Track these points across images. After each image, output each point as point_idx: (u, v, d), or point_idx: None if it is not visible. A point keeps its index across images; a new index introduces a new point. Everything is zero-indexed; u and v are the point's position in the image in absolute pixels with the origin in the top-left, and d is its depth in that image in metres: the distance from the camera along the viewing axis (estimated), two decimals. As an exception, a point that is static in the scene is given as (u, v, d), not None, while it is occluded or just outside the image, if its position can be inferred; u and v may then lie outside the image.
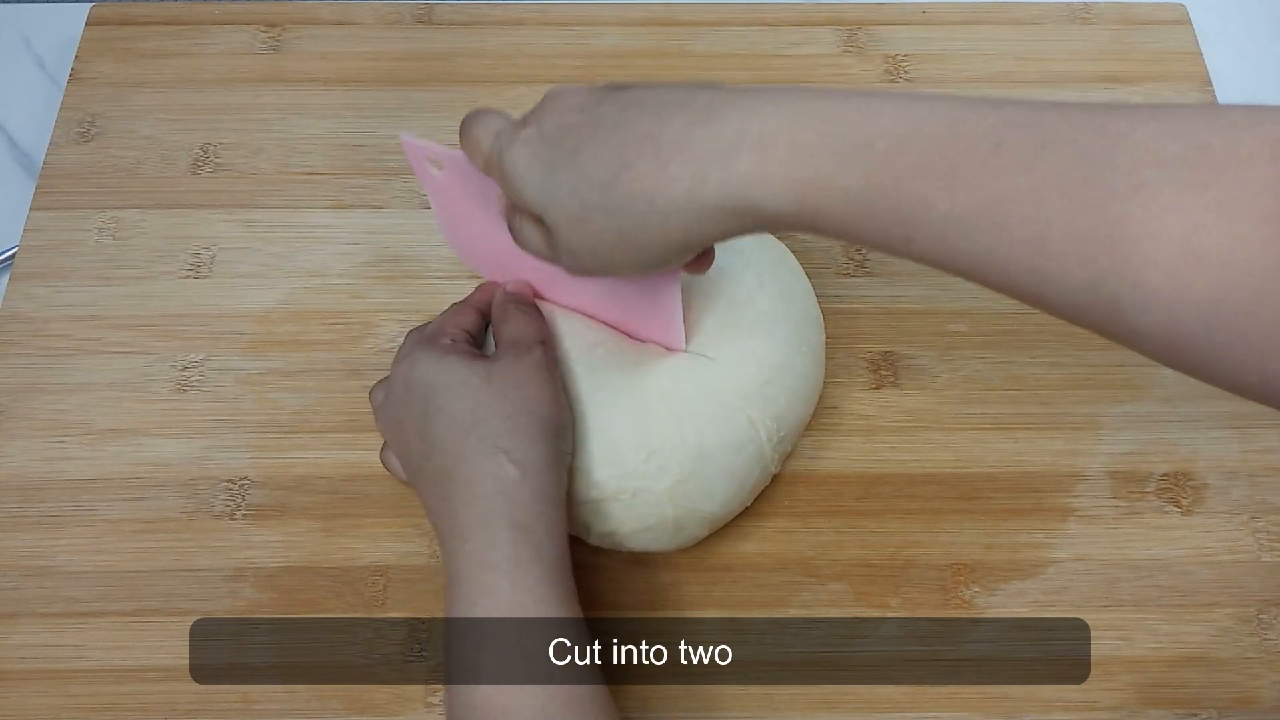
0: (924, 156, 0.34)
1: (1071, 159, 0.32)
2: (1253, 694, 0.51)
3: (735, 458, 0.50)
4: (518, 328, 0.49)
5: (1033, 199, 0.32)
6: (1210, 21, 0.71)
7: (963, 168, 0.33)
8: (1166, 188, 0.30)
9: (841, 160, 0.35)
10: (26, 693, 0.50)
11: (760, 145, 0.36)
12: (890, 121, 0.35)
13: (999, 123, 0.34)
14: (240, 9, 0.70)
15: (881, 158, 0.34)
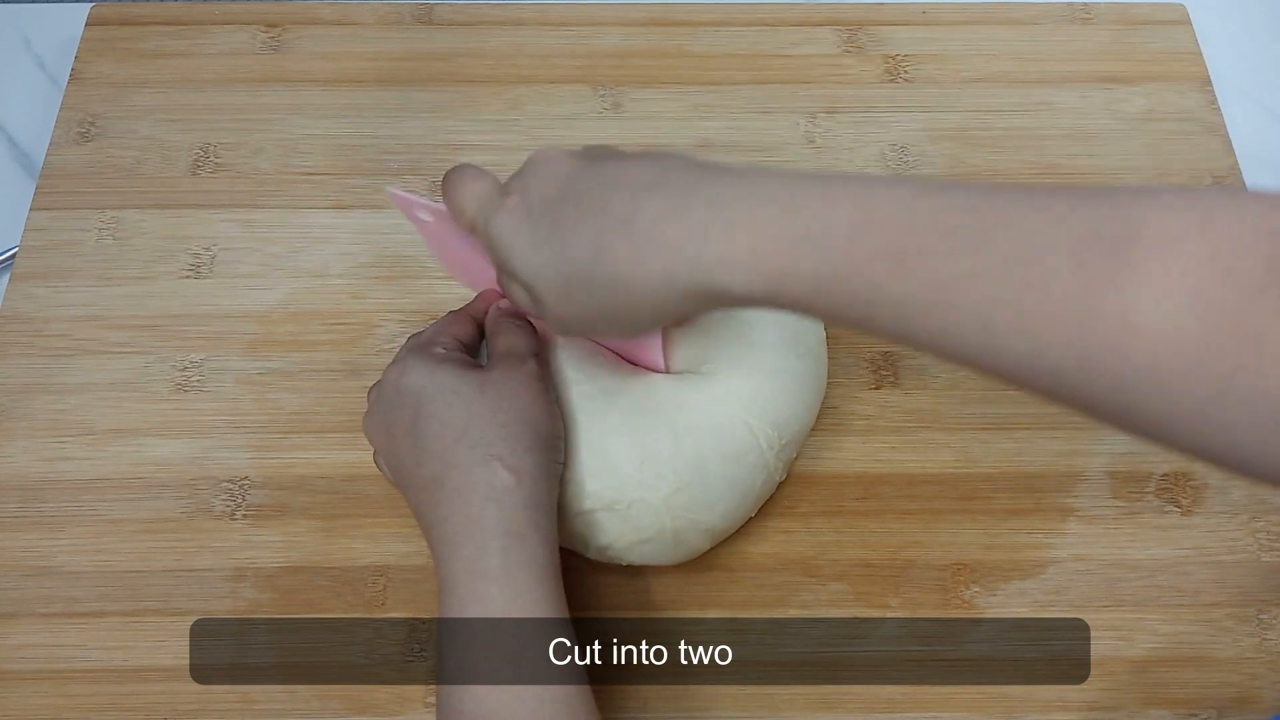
0: (878, 243, 0.36)
1: (1016, 242, 0.34)
2: (1253, 694, 0.51)
3: (735, 467, 0.49)
4: (512, 340, 0.49)
5: (980, 280, 0.34)
6: (1210, 21, 0.71)
7: (914, 253, 0.35)
8: (1104, 266, 0.32)
9: (802, 249, 0.37)
10: (26, 693, 0.50)
11: (726, 234, 0.38)
12: (848, 209, 0.36)
13: (949, 207, 0.35)
14: (240, 9, 0.70)
15: (839, 245, 0.36)
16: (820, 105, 0.67)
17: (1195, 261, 0.32)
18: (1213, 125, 0.66)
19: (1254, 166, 0.65)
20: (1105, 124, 0.66)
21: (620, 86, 0.67)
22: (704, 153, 0.64)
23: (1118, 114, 0.67)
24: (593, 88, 0.67)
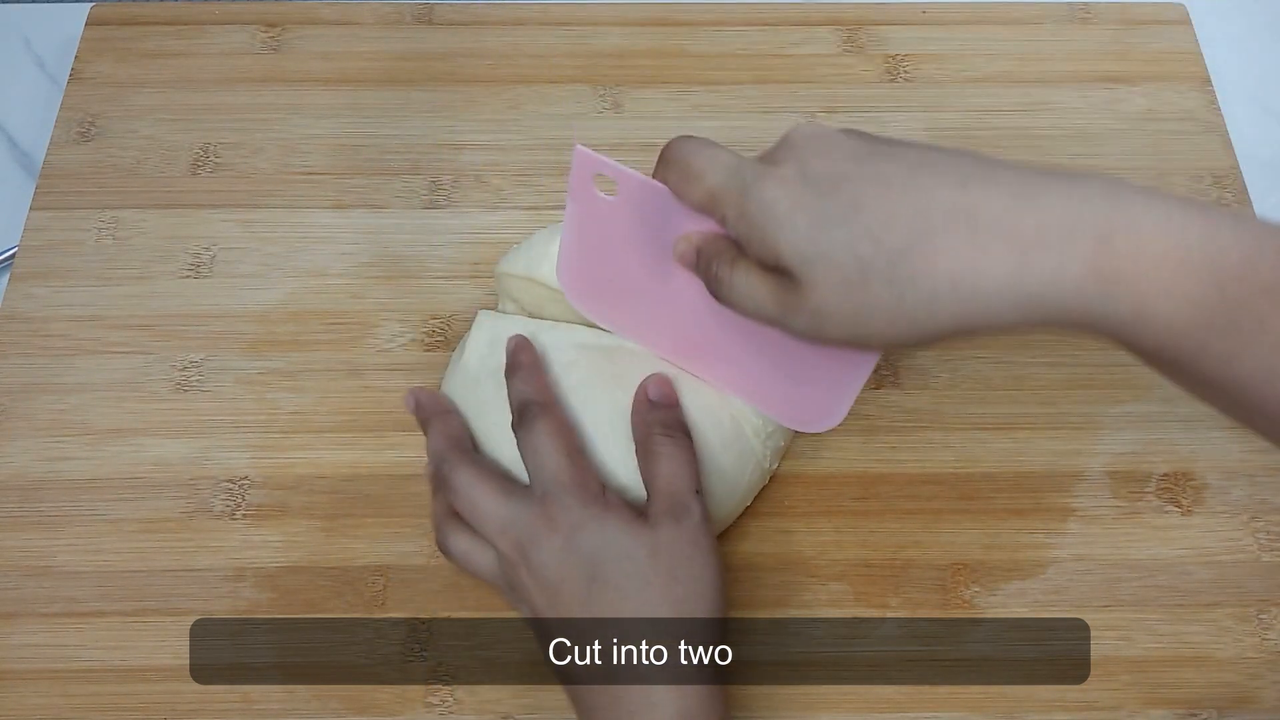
0: (1270, 276, 0.33)
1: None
2: (1253, 694, 0.51)
3: (722, 456, 0.49)
4: (671, 470, 0.45)
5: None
6: (1210, 21, 0.71)
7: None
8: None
9: (1189, 266, 0.33)
10: (26, 693, 0.50)
11: (1099, 243, 0.33)
12: (1234, 234, 0.33)
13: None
14: (240, 9, 0.70)
15: (1231, 271, 0.33)
16: (820, 105, 0.67)
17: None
18: (1213, 125, 0.66)
19: (1254, 166, 0.65)
20: (1105, 124, 0.66)
21: (620, 86, 0.67)
22: (704, 153, 0.65)
23: (1118, 114, 0.67)
24: (593, 88, 0.67)
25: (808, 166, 0.37)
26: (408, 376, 0.58)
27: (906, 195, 0.35)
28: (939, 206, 0.35)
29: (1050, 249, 0.34)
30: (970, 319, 0.35)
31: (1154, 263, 0.33)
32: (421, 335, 0.59)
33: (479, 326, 0.53)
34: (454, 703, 0.50)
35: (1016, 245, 0.34)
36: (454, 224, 0.62)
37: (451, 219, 0.62)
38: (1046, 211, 0.34)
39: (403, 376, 0.58)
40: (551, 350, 0.50)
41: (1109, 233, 0.33)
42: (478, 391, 0.51)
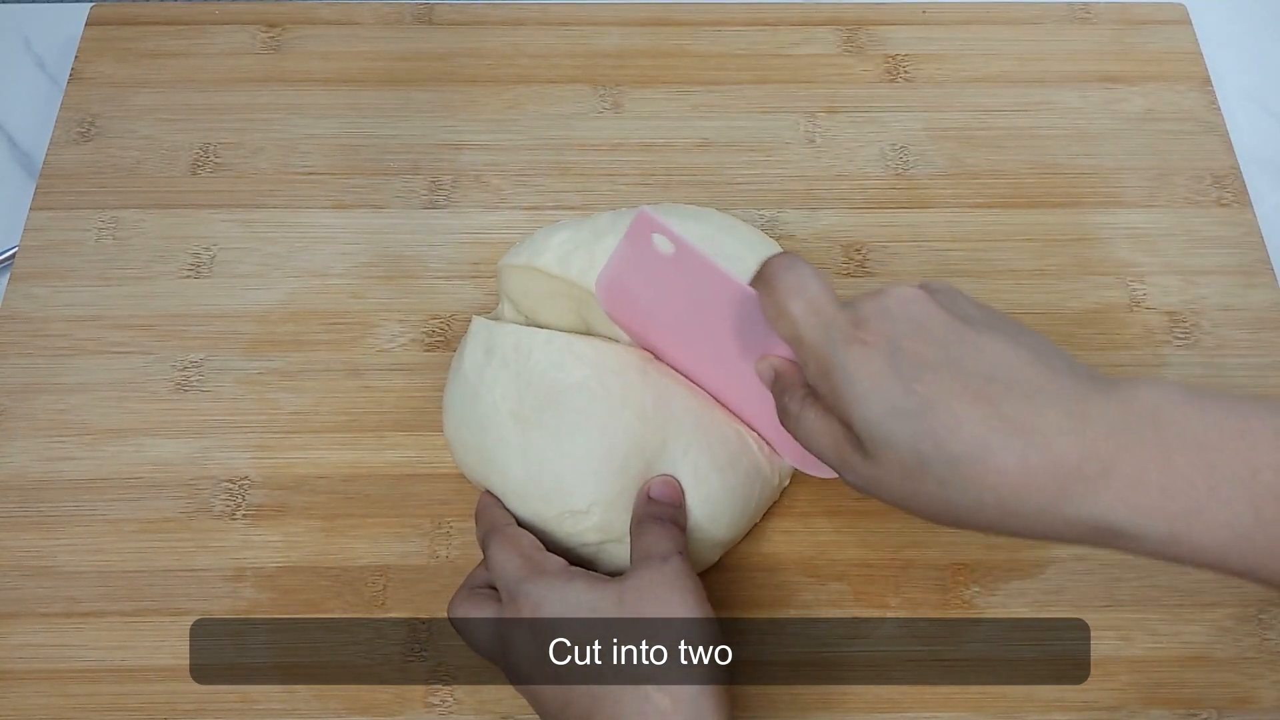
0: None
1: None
2: (1253, 694, 0.51)
3: (733, 475, 0.50)
4: (652, 541, 0.46)
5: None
6: (1210, 21, 0.71)
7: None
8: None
9: (1219, 492, 0.34)
10: (26, 693, 0.50)
11: (1133, 472, 0.35)
12: (1272, 449, 0.34)
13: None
14: (240, 9, 0.70)
15: (1266, 491, 0.34)
16: (820, 105, 0.67)
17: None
18: (1213, 125, 0.66)
19: (1254, 166, 0.65)
20: (1105, 124, 0.66)
21: (620, 86, 0.67)
22: (704, 152, 0.65)
23: (1118, 114, 0.67)
24: (593, 87, 0.67)
25: (897, 345, 0.38)
26: (408, 376, 0.58)
27: (978, 403, 0.37)
28: (1001, 421, 0.36)
29: (1087, 480, 0.36)
30: (1009, 529, 0.37)
31: (1182, 490, 0.35)
32: (421, 335, 0.59)
33: (473, 335, 0.53)
34: (454, 703, 0.50)
35: (1059, 475, 0.36)
36: (454, 224, 0.62)
37: (451, 219, 0.62)
38: (1092, 439, 0.36)
39: (403, 376, 0.58)
40: (543, 355, 0.50)
41: (1142, 465, 0.35)
42: (478, 407, 0.51)
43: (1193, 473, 0.35)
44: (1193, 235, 0.62)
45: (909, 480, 0.38)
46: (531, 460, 0.49)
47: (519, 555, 0.46)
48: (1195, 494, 0.35)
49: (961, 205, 0.63)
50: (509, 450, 0.49)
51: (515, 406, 0.49)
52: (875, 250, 0.62)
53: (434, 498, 0.54)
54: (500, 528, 0.48)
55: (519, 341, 0.51)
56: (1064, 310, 0.60)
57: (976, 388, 0.37)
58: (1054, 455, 0.36)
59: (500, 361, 0.51)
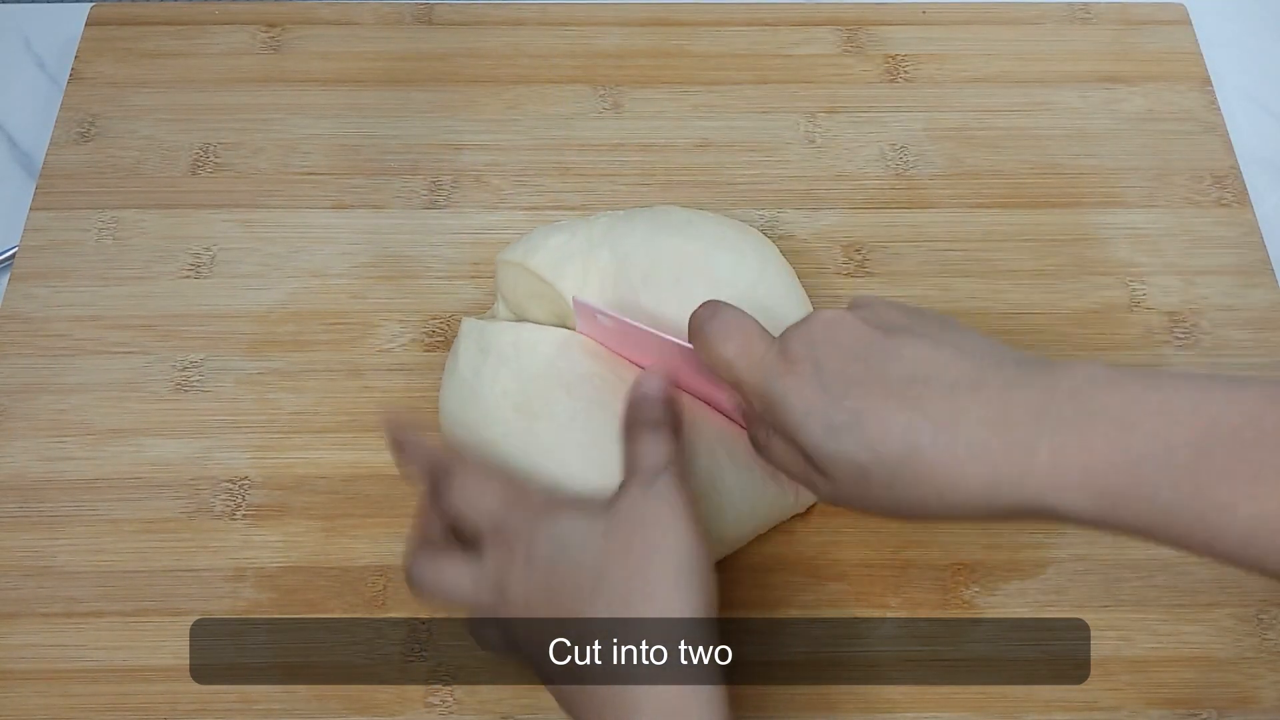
0: (1226, 461, 0.34)
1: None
2: (1253, 694, 0.51)
3: (746, 473, 0.50)
4: (642, 450, 0.44)
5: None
6: (1210, 21, 0.71)
7: (1267, 468, 0.34)
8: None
9: (1139, 470, 0.35)
10: (26, 693, 0.50)
11: (1057, 454, 0.36)
12: (1189, 424, 0.35)
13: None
14: (240, 9, 0.70)
15: (1182, 467, 0.35)
16: (820, 105, 0.67)
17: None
18: (1213, 125, 0.66)
19: (1254, 166, 0.65)
20: (1105, 124, 0.66)
21: (620, 86, 0.67)
22: (704, 152, 0.65)
23: (1118, 114, 0.67)
24: (593, 88, 0.67)
25: (821, 366, 0.40)
26: (408, 376, 0.58)
27: (902, 407, 0.38)
28: (927, 421, 0.38)
29: (1014, 465, 0.37)
30: (956, 516, 0.39)
31: (1104, 470, 0.36)
32: (421, 335, 0.59)
33: (465, 336, 0.52)
34: (454, 703, 0.50)
35: (988, 463, 0.37)
36: (454, 224, 0.62)
37: (451, 219, 0.62)
38: (1016, 427, 0.37)
39: (403, 376, 0.58)
40: (549, 349, 0.50)
41: (1062, 447, 0.36)
42: (478, 404, 0.51)
43: (1111, 452, 0.36)
44: (1193, 235, 0.62)
45: (860, 489, 0.40)
46: (537, 450, 0.49)
47: (498, 484, 0.44)
48: (1116, 473, 0.36)
49: (961, 205, 0.63)
50: (512, 442, 0.49)
51: (519, 400, 0.49)
52: (875, 250, 0.62)
53: (434, 498, 0.54)
54: (461, 460, 0.45)
55: (517, 338, 0.51)
56: (1064, 310, 0.60)
57: (900, 392, 0.39)
58: (979, 446, 0.37)
59: (498, 358, 0.51)
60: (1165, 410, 0.36)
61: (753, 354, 0.42)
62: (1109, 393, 0.37)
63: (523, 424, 0.49)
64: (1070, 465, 0.36)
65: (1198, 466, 0.35)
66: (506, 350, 0.51)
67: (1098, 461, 0.36)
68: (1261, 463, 0.34)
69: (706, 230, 0.54)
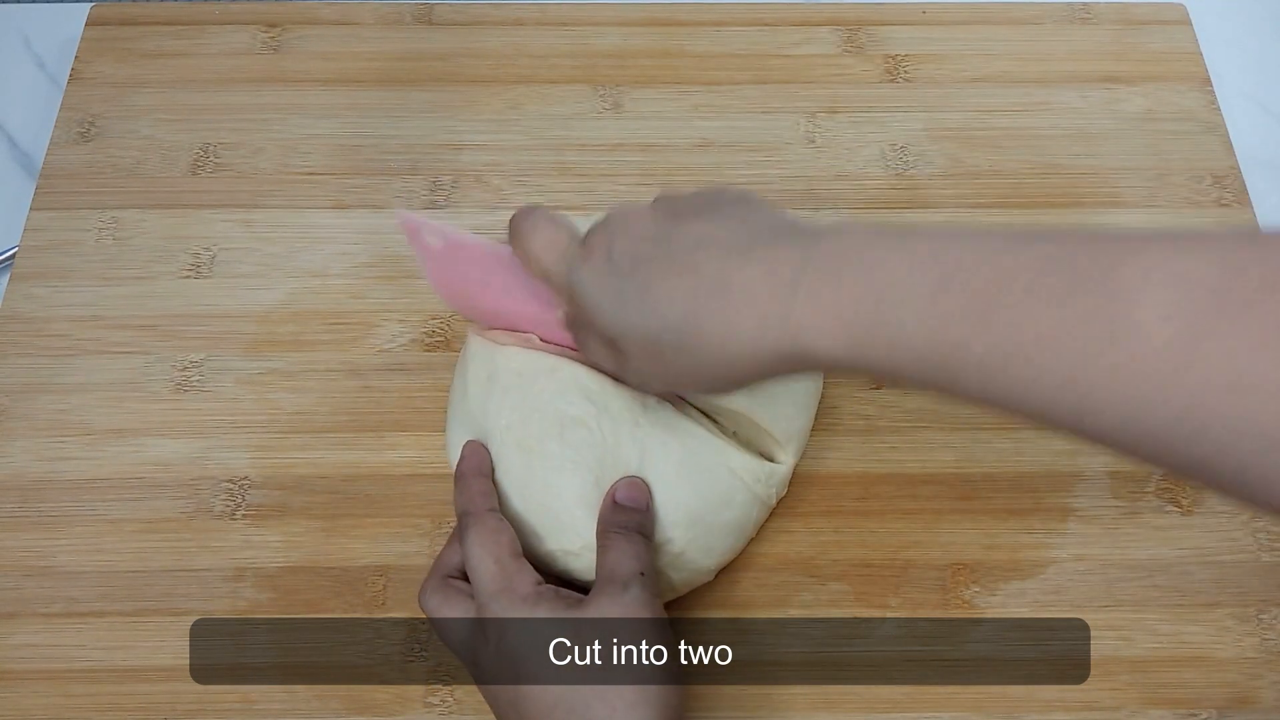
0: (960, 301, 0.35)
1: (1102, 296, 0.32)
2: (1253, 694, 0.51)
3: (725, 512, 0.49)
4: (615, 559, 0.46)
5: (1064, 338, 0.32)
6: (1210, 21, 0.71)
7: (997, 310, 0.34)
8: (1201, 317, 0.30)
9: (883, 310, 0.36)
10: (26, 693, 0.50)
11: (811, 296, 0.37)
12: (928, 266, 0.36)
13: (1032, 261, 0.34)
14: (240, 9, 0.70)
15: (920, 304, 0.35)
16: (820, 105, 0.67)
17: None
18: (1213, 125, 0.66)
19: (1254, 166, 0.65)
20: (1105, 124, 0.66)
21: (620, 86, 0.67)
22: (704, 152, 0.65)
23: (1118, 114, 0.67)
24: (593, 88, 0.67)
25: (613, 249, 0.42)
26: (408, 376, 0.58)
27: (680, 273, 0.40)
28: (705, 281, 0.40)
29: (778, 312, 0.38)
30: (742, 373, 0.40)
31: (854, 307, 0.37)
32: (421, 335, 0.59)
33: (474, 357, 0.51)
34: (454, 703, 0.50)
35: (756, 314, 0.38)
36: (454, 224, 0.62)
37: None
38: (779, 276, 0.38)
39: (403, 376, 0.58)
40: (548, 383, 0.49)
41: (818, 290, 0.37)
42: (484, 437, 0.50)
43: (856, 288, 0.37)
44: (1193, 235, 0.62)
45: (656, 361, 0.41)
46: (530, 495, 0.48)
47: (494, 561, 0.45)
48: (862, 311, 0.37)
49: (961, 205, 0.63)
50: (510, 480, 0.49)
51: (520, 435, 0.49)
52: (875, 250, 0.62)
53: (434, 498, 0.54)
54: (481, 514, 0.47)
55: (523, 367, 0.50)
56: (1064, 310, 0.60)
57: (683, 261, 0.40)
58: (749, 299, 0.39)
59: (503, 388, 0.50)
60: (909, 254, 0.36)
61: (558, 247, 0.44)
62: (864, 240, 0.38)
63: (521, 459, 0.49)
64: (823, 305, 0.37)
65: (936, 306, 0.35)
66: (511, 380, 0.50)
67: (845, 299, 0.37)
68: (991, 303, 0.34)
69: None
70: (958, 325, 0.35)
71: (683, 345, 0.40)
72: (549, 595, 0.45)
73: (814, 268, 0.38)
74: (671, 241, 0.41)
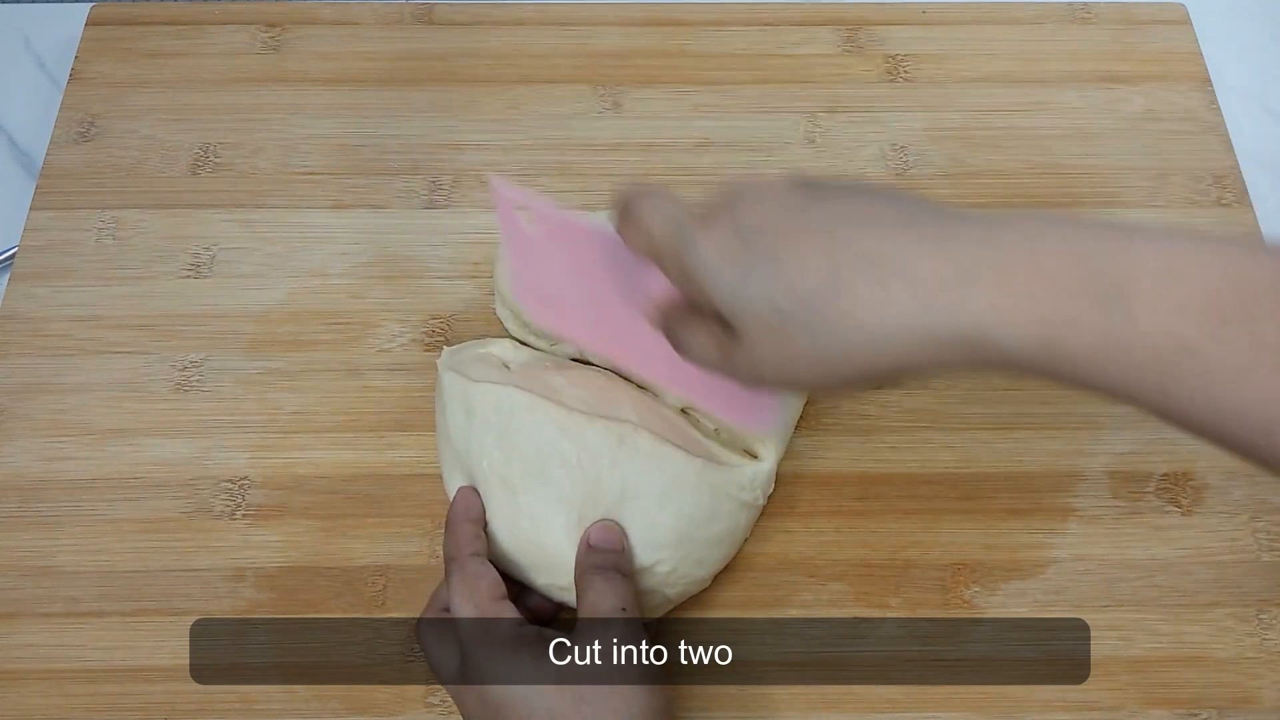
0: (1192, 297, 0.31)
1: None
2: (1253, 694, 0.51)
3: (714, 526, 0.49)
4: (595, 599, 0.45)
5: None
6: (1210, 21, 0.71)
7: (1237, 311, 0.31)
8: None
9: (1096, 298, 0.32)
10: (26, 693, 0.50)
11: (1001, 276, 0.33)
12: (1151, 257, 0.32)
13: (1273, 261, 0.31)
14: (240, 9, 0.70)
15: (1144, 296, 0.32)
16: (820, 105, 0.67)
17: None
18: (1213, 125, 0.66)
19: (1254, 166, 0.65)
20: (1105, 124, 0.66)
21: (620, 86, 0.67)
22: (704, 152, 0.65)
23: (1118, 114, 0.67)
24: (593, 87, 0.67)
25: (739, 219, 0.38)
26: (408, 376, 0.58)
27: (822, 245, 0.36)
28: (850, 255, 0.35)
29: (951, 291, 0.34)
30: (883, 361, 0.36)
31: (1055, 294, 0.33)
32: (421, 335, 0.59)
33: (448, 390, 0.51)
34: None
35: (920, 288, 0.34)
36: (454, 224, 0.62)
37: (451, 219, 0.63)
38: (953, 252, 0.34)
39: (403, 376, 0.58)
40: (525, 419, 0.49)
41: (1010, 268, 0.34)
42: (470, 474, 0.50)
43: (1065, 274, 0.33)
44: (1193, 235, 0.62)
45: (778, 340, 0.37)
46: (519, 532, 0.48)
47: (474, 607, 0.45)
48: (1068, 297, 0.33)
49: (961, 205, 0.63)
50: (498, 518, 0.48)
51: (504, 471, 0.48)
52: (875, 250, 0.62)
53: (434, 498, 0.54)
54: (463, 560, 0.46)
55: (500, 402, 0.49)
56: (1064, 310, 0.60)
57: (823, 230, 0.36)
58: (909, 271, 0.35)
59: (483, 424, 0.49)
60: (1127, 244, 0.33)
61: (674, 218, 0.40)
62: (1057, 224, 0.34)
63: (507, 497, 0.48)
64: (1017, 289, 0.33)
65: (1160, 299, 0.32)
66: (490, 415, 0.49)
67: (1047, 286, 0.33)
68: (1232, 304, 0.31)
69: None
70: (1187, 323, 0.31)
71: (814, 324, 0.36)
72: (531, 638, 0.44)
73: (1002, 246, 0.34)
74: (810, 212, 0.37)
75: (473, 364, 0.52)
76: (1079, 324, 0.33)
